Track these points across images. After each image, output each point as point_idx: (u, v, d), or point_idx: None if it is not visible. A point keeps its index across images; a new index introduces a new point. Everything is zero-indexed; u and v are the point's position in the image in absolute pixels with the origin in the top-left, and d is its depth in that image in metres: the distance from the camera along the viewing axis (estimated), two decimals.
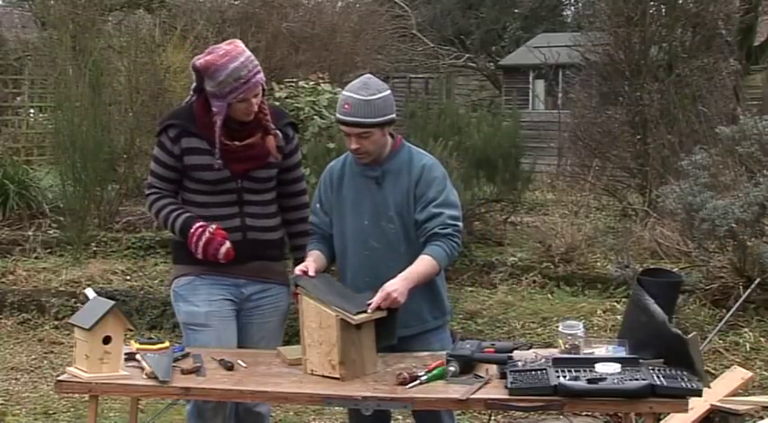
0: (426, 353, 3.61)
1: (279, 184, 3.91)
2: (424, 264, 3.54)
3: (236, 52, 3.65)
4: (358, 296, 3.48)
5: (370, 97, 3.62)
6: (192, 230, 3.70)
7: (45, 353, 6.73)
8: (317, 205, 3.85)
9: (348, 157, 3.80)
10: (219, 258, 3.69)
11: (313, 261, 3.67)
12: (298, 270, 3.61)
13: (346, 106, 3.61)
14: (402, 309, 3.51)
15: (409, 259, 3.57)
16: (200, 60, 3.69)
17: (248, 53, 3.68)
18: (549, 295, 7.53)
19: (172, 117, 3.86)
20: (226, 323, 3.77)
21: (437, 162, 3.79)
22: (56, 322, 7.22)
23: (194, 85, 3.78)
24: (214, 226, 3.69)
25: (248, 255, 3.77)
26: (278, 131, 3.81)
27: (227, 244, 3.68)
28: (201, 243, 3.68)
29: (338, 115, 3.66)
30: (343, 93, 3.66)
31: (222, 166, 3.71)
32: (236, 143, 3.72)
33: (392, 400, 3.21)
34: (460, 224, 3.65)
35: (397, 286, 3.45)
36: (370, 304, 3.40)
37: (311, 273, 3.58)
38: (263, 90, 3.74)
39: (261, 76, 3.70)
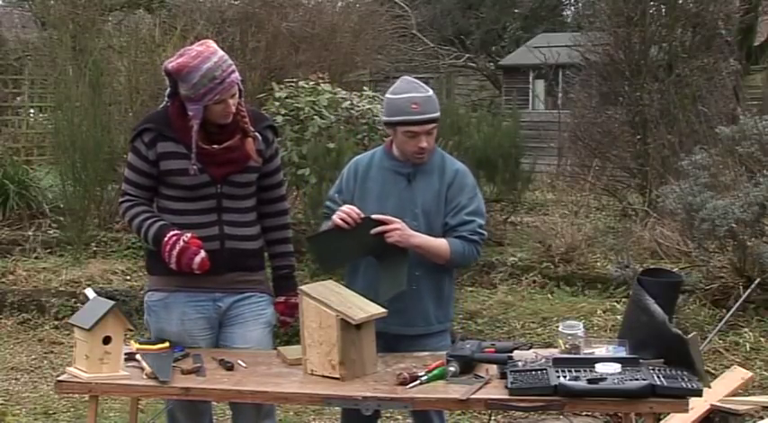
0: (426, 353, 3.61)
1: (258, 190, 3.77)
2: (439, 243, 3.66)
3: (208, 52, 3.54)
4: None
5: (428, 93, 3.70)
6: (166, 239, 3.53)
7: (45, 353, 6.73)
8: (336, 194, 3.86)
9: (376, 153, 3.85)
10: (194, 269, 3.53)
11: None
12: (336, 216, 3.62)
13: (414, 106, 3.64)
14: (411, 308, 3.62)
15: (424, 259, 3.65)
16: (171, 63, 3.57)
17: (221, 53, 3.58)
18: (549, 295, 7.53)
19: (146, 122, 3.72)
20: (197, 344, 3.67)
21: (468, 169, 3.85)
22: (56, 322, 7.22)
23: (168, 89, 3.67)
24: (189, 234, 3.54)
25: (225, 265, 3.63)
26: (257, 134, 3.68)
27: (202, 253, 3.53)
28: (175, 252, 3.52)
29: (407, 117, 3.64)
30: (400, 96, 3.67)
31: (198, 170, 3.58)
32: (215, 146, 3.60)
33: (392, 400, 3.21)
34: (485, 233, 3.77)
35: (408, 230, 3.57)
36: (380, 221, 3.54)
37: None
38: (240, 91, 3.62)
39: (236, 75, 3.58)
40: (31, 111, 14.29)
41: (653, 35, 10.52)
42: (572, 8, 24.06)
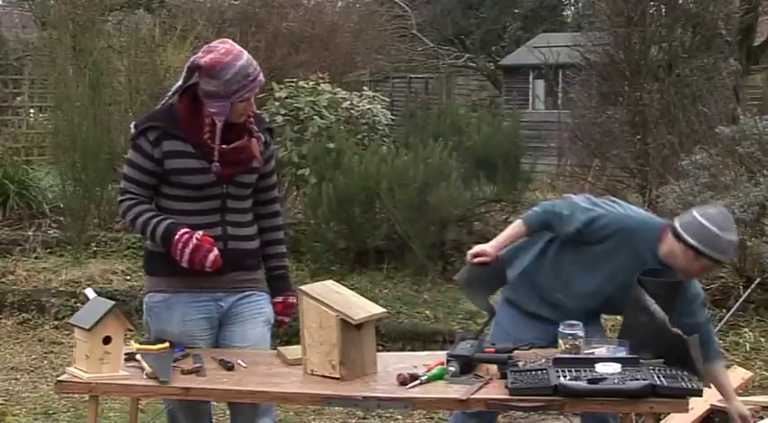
0: (426, 353, 3.61)
1: (254, 192, 3.76)
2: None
3: (236, 51, 3.55)
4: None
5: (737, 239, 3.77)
6: (178, 237, 3.50)
7: (45, 353, 6.73)
8: (594, 221, 3.86)
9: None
10: (207, 266, 3.52)
11: (496, 249, 3.84)
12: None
13: (727, 254, 3.71)
14: None
15: None
16: (203, 59, 3.53)
17: (246, 52, 3.59)
18: None
19: (151, 119, 3.67)
20: (197, 344, 3.67)
21: None
22: (56, 322, 7.22)
23: (177, 85, 3.62)
24: (200, 232, 3.53)
25: (228, 265, 3.60)
26: (260, 134, 3.70)
27: (215, 251, 3.51)
28: (188, 250, 3.49)
29: (715, 255, 3.61)
30: (725, 235, 3.59)
31: (204, 170, 3.56)
32: (223, 146, 3.58)
33: (392, 400, 3.21)
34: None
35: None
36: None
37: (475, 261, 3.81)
38: None
39: (262, 75, 3.61)
40: (31, 111, 14.29)
41: (653, 35, 10.51)
42: (572, 8, 24.09)
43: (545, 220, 3.85)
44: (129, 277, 8.01)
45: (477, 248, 3.81)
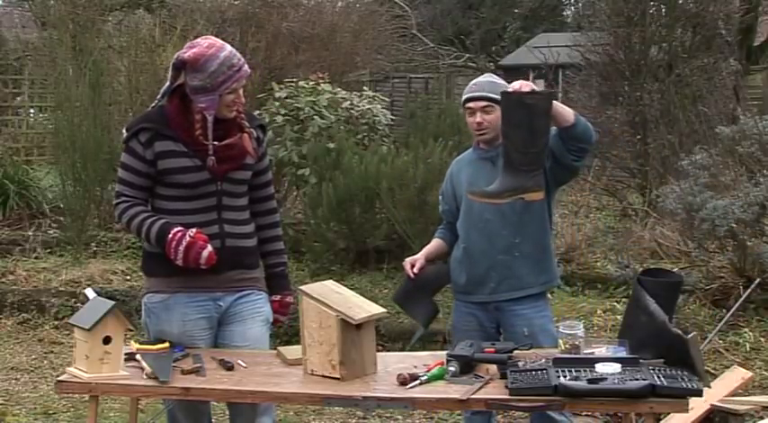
0: (426, 353, 3.61)
1: (250, 189, 3.78)
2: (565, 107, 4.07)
3: (219, 44, 3.60)
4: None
5: (494, 80, 4.20)
6: (171, 235, 3.52)
7: (45, 353, 6.73)
8: (440, 196, 4.36)
9: (470, 150, 4.26)
10: (201, 264, 3.52)
11: (423, 255, 4.17)
12: (406, 263, 4.09)
13: (473, 86, 4.14)
14: (513, 273, 4.05)
15: (521, 228, 4.03)
16: (186, 54, 3.57)
17: (228, 44, 3.63)
18: (549, 295, 7.50)
19: (142, 121, 3.70)
20: (196, 344, 3.68)
21: None
22: (56, 322, 7.23)
23: (165, 86, 3.66)
24: (194, 230, 3.53)
25: (226, 264, 3.62)
26: (252, 129, 3.72)
27: (209, 248, 3.52)
28: (182, 248, 3.50)
29: (466, 95, 4.13)
30: (469, 84, 4.21)
31: (198, 167, 3.57)
32: (215, 143, 3.60)
33: (392, 400, 3.21)
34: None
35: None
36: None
37: (416, 270, 4.07)
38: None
39: (247, 66, 3.63)
40: (31, 111, 14.30)
41: (653, 35, 10.51)
42: (572, 8, 24.08)
43: (448, 224, 4.27)
44: (129, 277, 8.01)
45: (409, 259, 4.14)
